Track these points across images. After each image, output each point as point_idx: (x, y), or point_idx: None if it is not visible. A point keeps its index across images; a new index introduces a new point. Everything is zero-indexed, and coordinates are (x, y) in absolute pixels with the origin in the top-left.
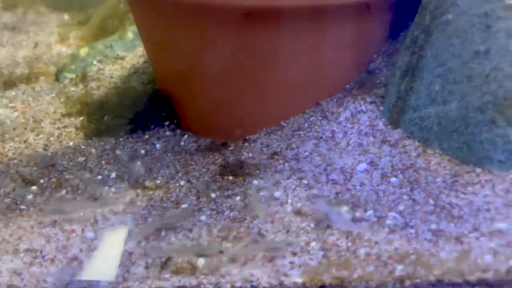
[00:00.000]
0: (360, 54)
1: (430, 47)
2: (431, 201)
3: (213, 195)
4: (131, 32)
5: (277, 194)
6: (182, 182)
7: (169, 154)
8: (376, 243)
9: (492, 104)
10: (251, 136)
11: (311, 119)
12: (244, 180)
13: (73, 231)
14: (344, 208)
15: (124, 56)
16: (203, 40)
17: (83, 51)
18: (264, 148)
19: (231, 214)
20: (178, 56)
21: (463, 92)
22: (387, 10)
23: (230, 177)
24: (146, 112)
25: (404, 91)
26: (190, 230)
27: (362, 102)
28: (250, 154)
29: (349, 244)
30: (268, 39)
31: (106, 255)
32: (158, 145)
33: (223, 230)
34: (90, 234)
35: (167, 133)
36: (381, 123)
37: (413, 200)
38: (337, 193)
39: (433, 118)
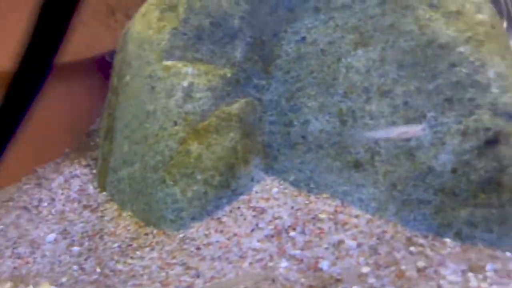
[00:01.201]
0: (79, 116)
1: (118, 108)
2: (98, 270)
3: None
4: None
5: None
6: None
7: None
8: None
9: (162, 163)
10: None
11: (24, 187)
12: None
13: None
14: (8, 285)
15: None
16: None
17: None
18: None
19: None
20: None
21: (142, 152)
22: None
23: None
24: None
25: (107, 153)
26: None
27: (77, 166)
28: None
29: None
30: None
31: None
32: None
33: None
34: None
35: None
36: (91, 187)
37: (82, 269)
38: (15, 268)
39: (126, 180)
